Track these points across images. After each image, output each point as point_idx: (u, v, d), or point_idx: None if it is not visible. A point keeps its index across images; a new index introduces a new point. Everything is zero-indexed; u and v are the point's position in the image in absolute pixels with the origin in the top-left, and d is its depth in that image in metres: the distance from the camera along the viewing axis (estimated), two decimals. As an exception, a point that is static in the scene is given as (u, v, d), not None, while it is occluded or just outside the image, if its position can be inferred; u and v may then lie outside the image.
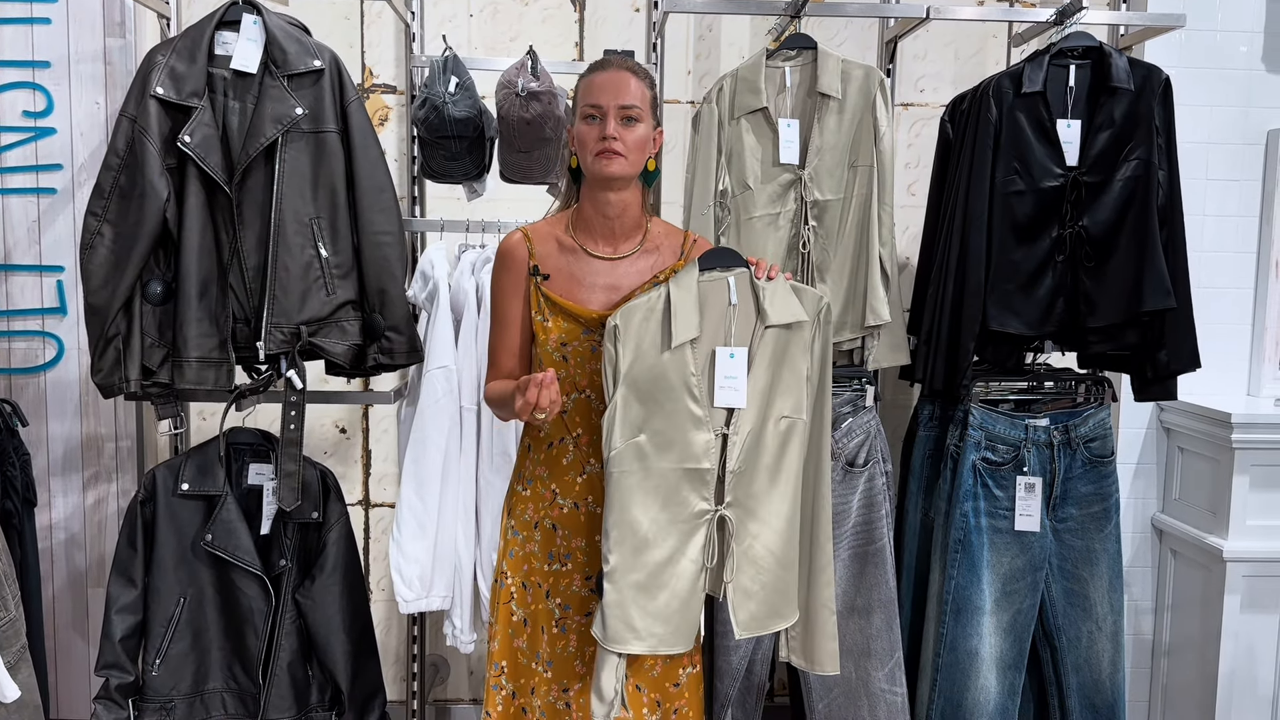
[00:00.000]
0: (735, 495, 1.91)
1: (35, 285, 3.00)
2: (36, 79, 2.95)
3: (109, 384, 2.33)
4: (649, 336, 1.87)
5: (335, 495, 2.51)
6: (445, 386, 2.44)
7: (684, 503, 1.89)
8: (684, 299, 1.87)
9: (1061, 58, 2.52)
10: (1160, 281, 2.44)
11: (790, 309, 1.90)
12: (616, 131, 1.87)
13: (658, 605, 1.88)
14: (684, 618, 1.91)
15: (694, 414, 1.88)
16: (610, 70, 1.91)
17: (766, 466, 1.92)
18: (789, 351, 1.92)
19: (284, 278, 2.33)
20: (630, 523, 1.86)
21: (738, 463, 1.90)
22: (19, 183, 2.97)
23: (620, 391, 1.86)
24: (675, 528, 1.89)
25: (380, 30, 3.11)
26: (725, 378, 1.89)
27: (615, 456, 1.86)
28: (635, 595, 1.87)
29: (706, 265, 1.91)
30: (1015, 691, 2.60)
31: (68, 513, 3.06)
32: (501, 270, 2.02)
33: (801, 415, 1.93)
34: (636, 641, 1.87)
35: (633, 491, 1.87)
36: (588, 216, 1.99)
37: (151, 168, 2.28)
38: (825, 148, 2.55)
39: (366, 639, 2.57)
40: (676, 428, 1.88)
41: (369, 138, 2.41)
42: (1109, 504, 2.59)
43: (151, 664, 2.45)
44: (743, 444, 1.90)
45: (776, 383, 1.92)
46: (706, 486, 1.90)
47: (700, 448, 1.88)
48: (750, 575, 1.92)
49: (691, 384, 1.88)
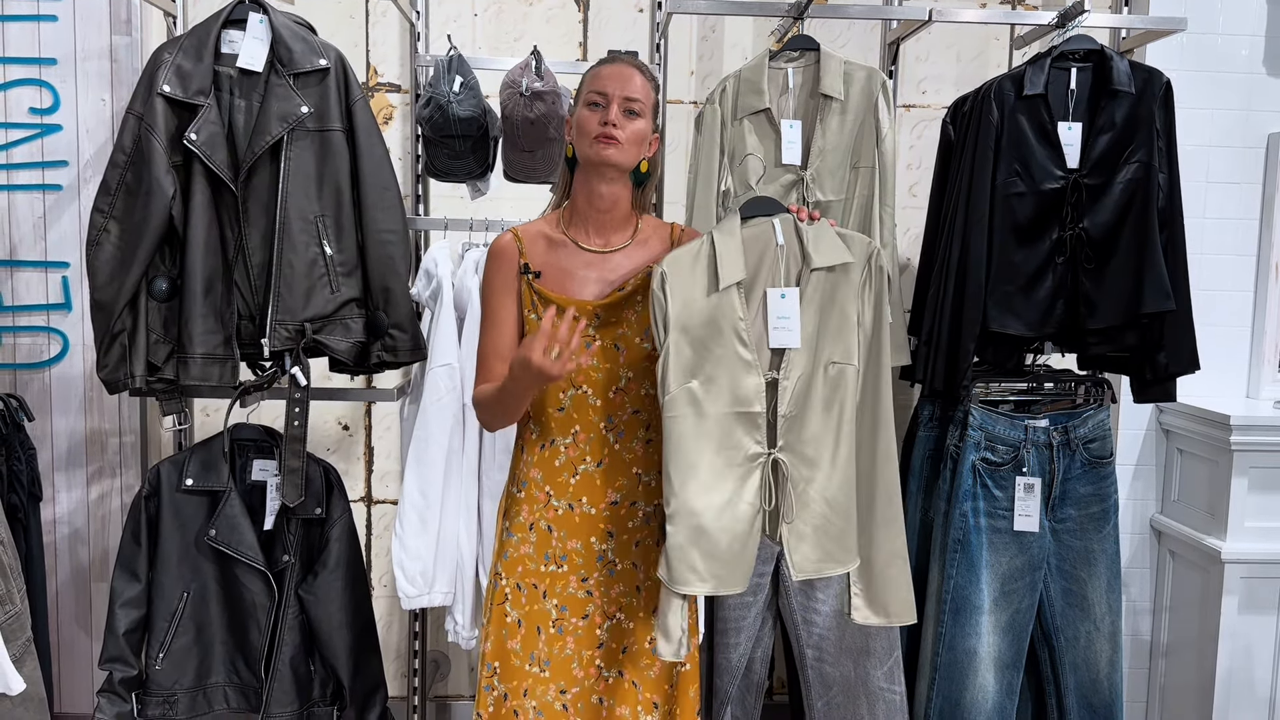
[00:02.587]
0: (787, 439, 1.93)
1: (40, 281, 3.02)
2: (43, 76, 2.97)
3: (114, 380, 2.35)
4: (696, 282, 1.89)
5: (338, 491, 2.52)
6: (449, 384, 2.45)
7: (738, 446, 1.92)
8: (728, 243, 1.91)
9: (1063, 61, 2.53)
10: (1160, 284, 2.45)
11: (836, 251, 1.92)
12: (618, 119, 1.89)
13: (719, 547, 1.90)
14: (742, 559, 1.93)
15: (743, 358, 1.91)
16: (618, 64, 1.94)
17: (818, 412, 1.94)
18: (837, 296, 1.93)
19: (289, 275, 2.34)
20: (688, 466, 1.89)
21: (788, 407, 1.92)
22: (25, 179, 2.98)
23: (671, 337, 1.89)
24: (731, 470, 1.91)
25: (385, 29, 3.12)
26: (778, 318, 1.92)
27: (670, 401, 1.89)
28: (697, 537, 1.89)
29: (748, 214, 1.94)
30: (1013, 691, 2.62)
31: (71, 507, 3.08)
32: (493, 271, 2.01)
33: (852, 361, 1.95)
34: (700, 583, 1.90)
35: (688, 436, 1.89)
36: (580, 209, 2.00)
37: (158, 165, 2.30)
38: (827, 149, 2.56)
39: (368, 634, 2.59)
40: (726, 372, 1.90)
41: (374, 136, 2.43)
42: (1108, 505, 2.61)
43: (155, 658, 2.47)
44: (793, 389, 1.92)
45: (825, 328, 1.94)
46: (759, 430, 1.92)
47: (750, 391, 1.91)
48: (804, 519, 1.95)
49: (740, 328, 1.91)
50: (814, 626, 2.52)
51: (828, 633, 2.52)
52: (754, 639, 2.53)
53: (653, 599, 2.03)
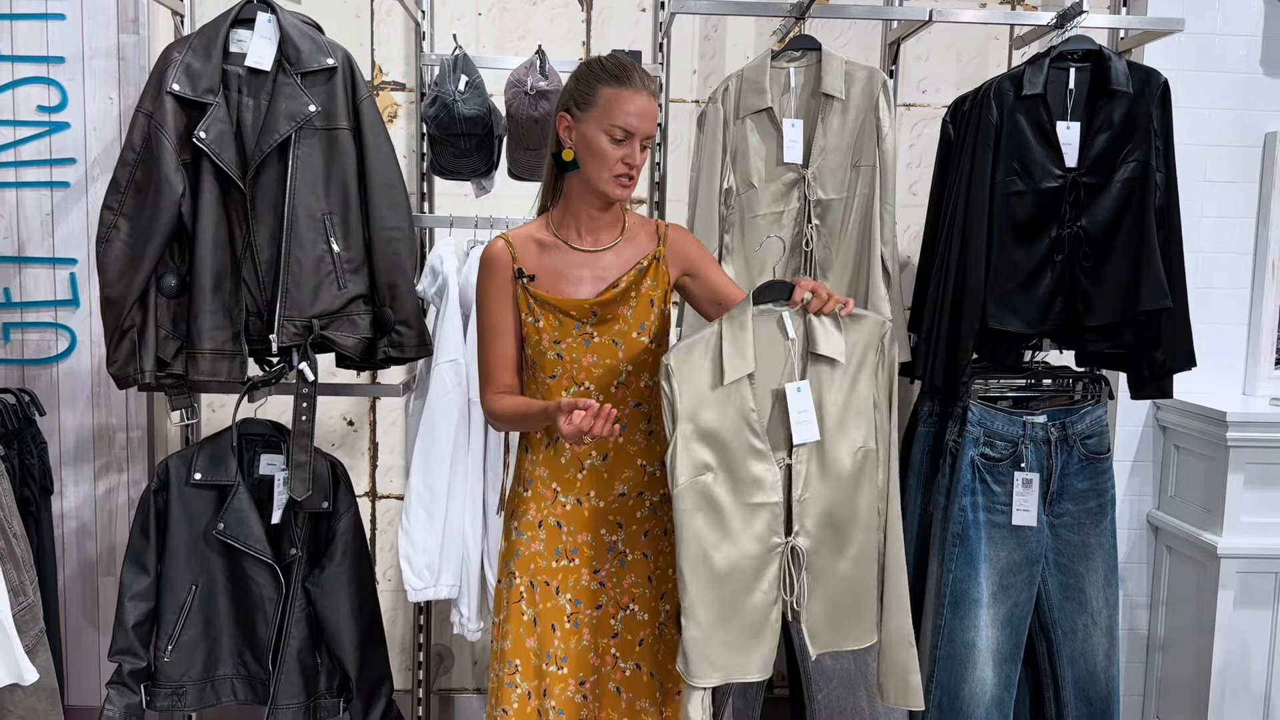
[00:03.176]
0: (804, 524, 1.93)
1: (49, 278, 3.05)
2: (51, 74, 3.00)
3: (124, 375, 2.38)
4: (704, 374, 1.88)
5: (345, 486, 2.55)
6: (454, 379, 2.48)
7: (756, 537, 1.91)
8: (735, 335, 1.88)
9: (1062, 61, 2.56)
10: (1157, 282, 2.48)
11: (832, 346, 1.91)
12: (641, 160, 1.93)
13: (734, 638, 1.91)
14: (755, 646, 1.94)
15: (756, 448, 1.91)
16: (643, 96, 1.92)
17: (842, 495, 1.93)
18: (853, 380, 1.93)
19: (296, 272, 2.37)
20: (702, 559, 1.88)
21: (804, 491, 1.92)
22: (33, 176, 3.01)
23: (680, 429, 1.87)
24: (748, 562, 1.91)
25: (390, 28, 3.15)
26: (799, 413, 1.90)
27: (680, 494, 1.88)
28: (713, 630, 1.89)
29: (760, 299, 1.92)
30: (1011, 683, 2.64)
31: (79, 502, 3.11)
32: (487, 279, 2.03)
33: (871, 444, 1.95)
34: (715, 674, 1.91)
35: (701, 529, 1.89)
36: (574, 213, 2.02)
37: (167, 163, 2.33)
38: (828, 148, 2.59)
39: (374, 627, 2.62)
40: (740, 463, 1.90)
41: (380, 135, 2.46)
42: (1105, 500, 2.63)
43: (164, 650, 2.50)
44: (806, 472, 1.92)
45: (845, 411, 1.93)
46: (776, 520, 1.92)
47: (767, 482, 1.91)
48: (823, 599, 1.95)
49: (751, 419, 1.90)
50: (815, 620, 2.55)
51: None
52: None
53: (663, 585, 2.07)
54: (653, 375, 2.03)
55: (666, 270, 2.04)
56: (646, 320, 2.01)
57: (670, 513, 2.03)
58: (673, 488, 1.89)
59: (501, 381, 2.03)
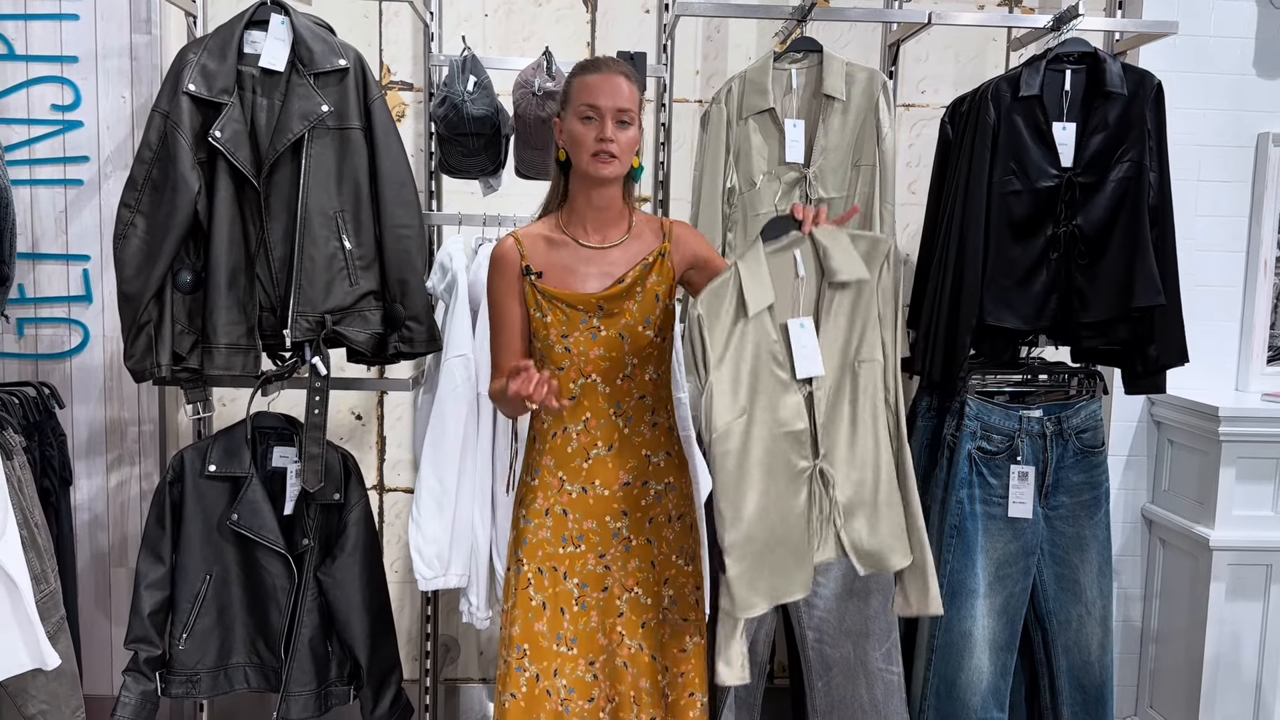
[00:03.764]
0: (828, 445, 2.03)
1: (62, 274, 3.10)
2: (65, 73, 3.04)
3: (141, 369, 2.43)
4: (729, 314, 1.96)
5: (356, 478, 2.61)
6: (464, 374, 2.53)
7: (786, 465, 2.00)
8: (753, 271, 1.96)
9: (1058, 63, 2.61)
10: (1150, 279, 2.54)
11: (854, 268, 1.99)
12: (613, 134, 1.97)
13: (775, 561, 1.99)
14: (798, 567, 2.03)
15: (780, 379, 2.00)
16: (605, 73, 1.99)
17: (847, 412, 2.03)
18: (861, 300, 2.02)
19: (309, 268, 2.43)
20: (741, 497, 1.96)
21: (824, 415, 2.02)
22: (47, 174, 3.06)
23: (713, 375, 1.94)
24: (780, 490, 1.99)
25: (398, 29, 3.20)
26: (801, 348, 2.00)
27: (718, 438, 1.94)
28: (755, 564, 1.97)
29: (769, 236, 2.00)
30: (1008, 672, 2.70)
31: (92, 494, 3.15)
32: (496, 275, 2.09)
33: (876, 357, 2.04)
34: (762, 602, 1.99)
35: (738, 468, 1.96)
36: (579, 209, 2.08)
37: (183, 161, 2.38)
38: (829, 147, 2.65)
39: (384, 617, 2.67)
40: (769, 396, 1.98)
41: (391, 134, 2.51)
42: (1099, 493, 2.69)
43: (178, 638, 2.56)
44: (827, 397, 2.02)
45: (852, 332, 2.03)
46: (803, 446, 2.01)
47: (792, 411, 2.00)
48: (861, 517, 2.04)
49: (775, 350, 1.99)
50: (815, 609, 2.61)
51: (828, 615, 2.61)
52: (757, 620, 2.61)
53: (666, 570, 2.13)
54: (658, 368, 2.09)
55: (672, 266, 2.10)
56: (652, 315, 2.06)
57: (673, 500, 2.11)
58: (710, 432, 1.95)
59: (506, 371, 2.08)
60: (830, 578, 2.59)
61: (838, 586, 2.59)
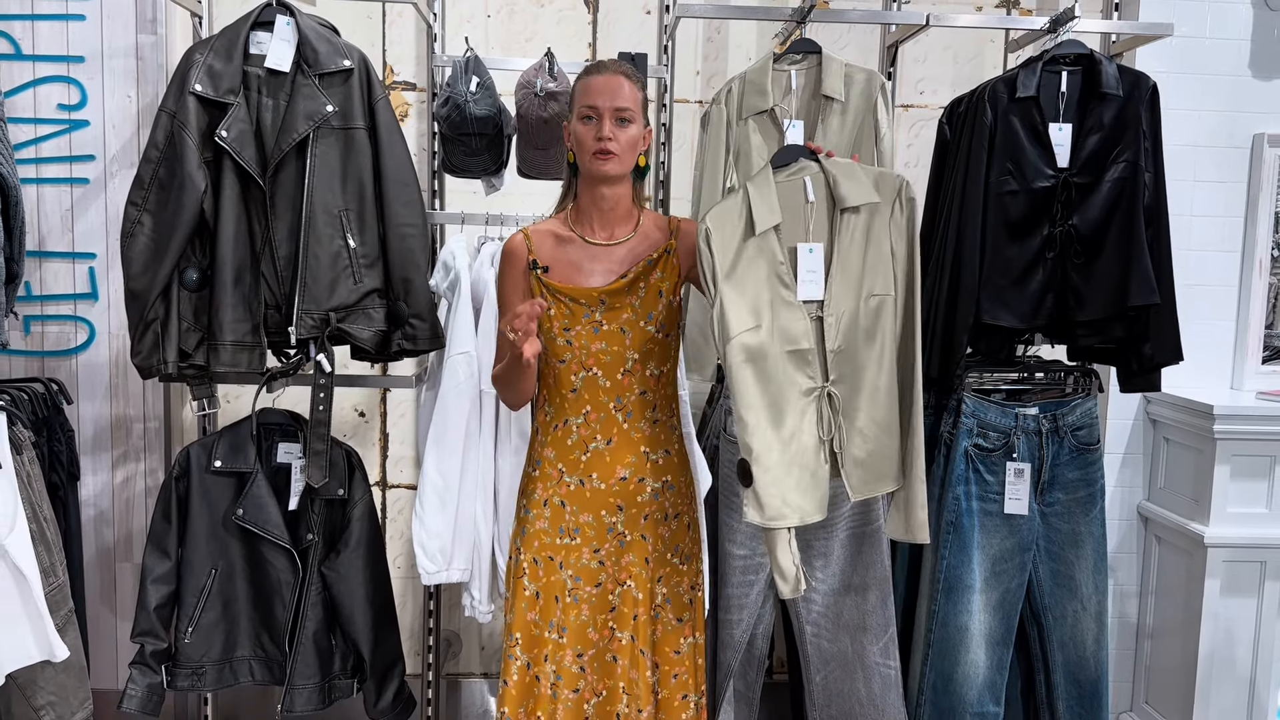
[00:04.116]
0: (840, 372, 2.08)
1: (68, 271, 3.12)
2: (71, 73, 3.07)
3: (148, 366, 2.46)
4: (736, 231, 2.03)
5: (360, 474, 2.64)
6: (466, 371, 2.56)
7: (794, 383, 2.06)
8: (761, 193, 2.04)
9: (1054, 64, 2.64)
10: (1145, 278, 2.56)
11: (863, 192, 2.06)
12: (612, 133, 2.02)
13: (794, 479, 2.05)
14: (814, 488, 2.09)
15: (786, 299, 2.06)
16: (605, 74, 2.04)
17: (864, 342, 2.09)
18: (873, 232, 2.08)
19: (314, 266, 2.46)
20: (759, 408, 2.03)
21: (837, 342, 2.07)
22: (53, 173, 3.09)
23: (720, 288, 2.01)
24: (791, 407, 2.06)
25: (401, 29, 3.23)
26: (807, 271, 2.06)
27: (730, 349, 2.01)
28: (780, 474, 2.03)
29: (779, 163, 2.08)
30: (1003, 666, 2.73)
31: (97, 490, 3.18)
32: (505, 269, 2.16)
33: (890, 292, 2.10)
34: (793, 514, 2.04)
35: (755, 379, 2.03)
36: (585, 208, 2.13)
37: (190, 161, 2.41)
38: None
39: (387, 611, 2.71)
40: (775, 314, 2.04)
41: (395, 134, 2.54)
42: (1094, 489, 2.72)
43: (184, 632, 2.59)
44: (838, 324, 2.07)
45: (864, 263, 2.08)
46: (810, 366, 2.08)
47: (799, 330, 2.06)
48: (858, 444, 2.11)
49: (781, 271, 2.06)
50: (813, 604, 2.63)
51: (826, 610, 2.63)
52: (756, 616, 2.64)
53: (659, 568, 2.16)
54: (659, 365, 2.13)
55: (678, 263, 2.13)
56: (654, 310, 2.10)
57: (669, 498, 2.15)
58: (722, 344, 2.01)
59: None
60: (828, 572, 2.62)
61: (836, 581, 2.62)
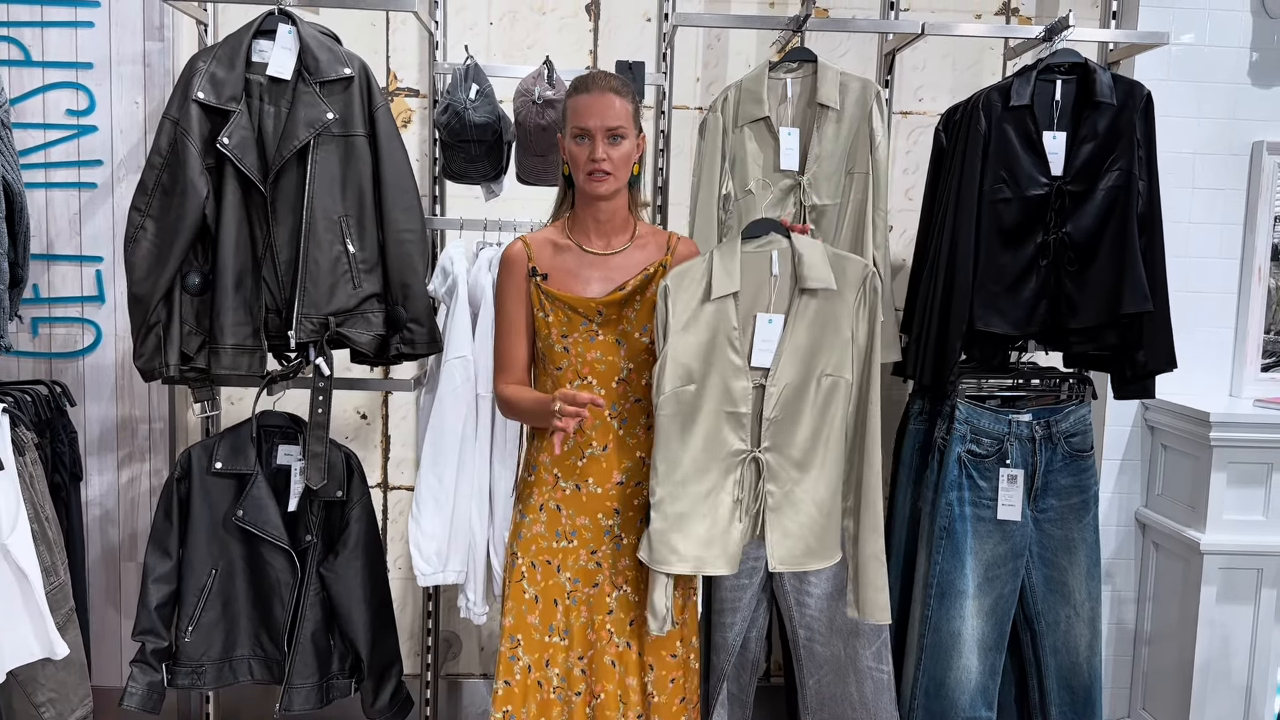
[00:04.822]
0: (774, 441, 2.14)
1: (76, 275, 3.17)
2: (79, 79, 3.12)
3: (150, 368, 2.50)
4: (695, 294, 2.10)
5: (358, 476, 2.67)
6: (463, 375, 2.59)
7: (724, 442, 2.12)
8: (725, 262, 2.11)
9: (1048, 73, 2.65)
10: (1138, 286, 2.57)
11: (822, 276, 2.12)
12: (605, 153, 2.04)
13: (699, 532, 2.11)
14: (724, 544, 2.14)
15: (734, 363, 2.11)
16: (595, 93, 2.06)
17: (810, 419, 2.14)
18: (832, 314, 2.13)
19: (314, 271, 2.49)
20: (673, 459, 2.10)
21: (775, 411, 2.13)
22: (62, 177, 3.14)
23: (670, 343, 2.08)
24: (715, 464, 2.12)
25: (404, 36, 3.26)
26: (762, 340, 2.13)
27: (663, 401, 2.09)
28: (678, 522, 2.10)
29: (750, 234, 2.15)
30: (996, 671, 2.75)
31: (103, 490, 3.23)
32: (505, 277, 2.18)
33: (844, 374, 2.14)
34: (680, 563, 2.10)
35: (677, 433, 2.10)
36: (582, 218, 2.17)
37: (192, 167, 2.45)
38: (823, 155, 2.69)
39: (385, 612, 2.74)
40: (719, 374, 2.11)
41: (395, 141, 2.57)
42: (1088, 496, 2.73)
43: (184, 631, 2.62)
44: (780, 395, 2.12)
45: (819, 343, 2.14)
46: (744, 429, 2.13)
47: (739, 394, 2.12)
48: (790, 516, 2.15)
49: (733, 336, 2.11)
50: (806, 609, 2.65)
51: (819, 614, 2.65)
52: (749, 619, 2.66)
53: None
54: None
55: None
56: (649, 323, 2.13)
57: None
58: (657, 396, 2.09)
59: (515, 372, 2.19)
60: (821, 578, 2.64)
61: (829, 586, 2.64)
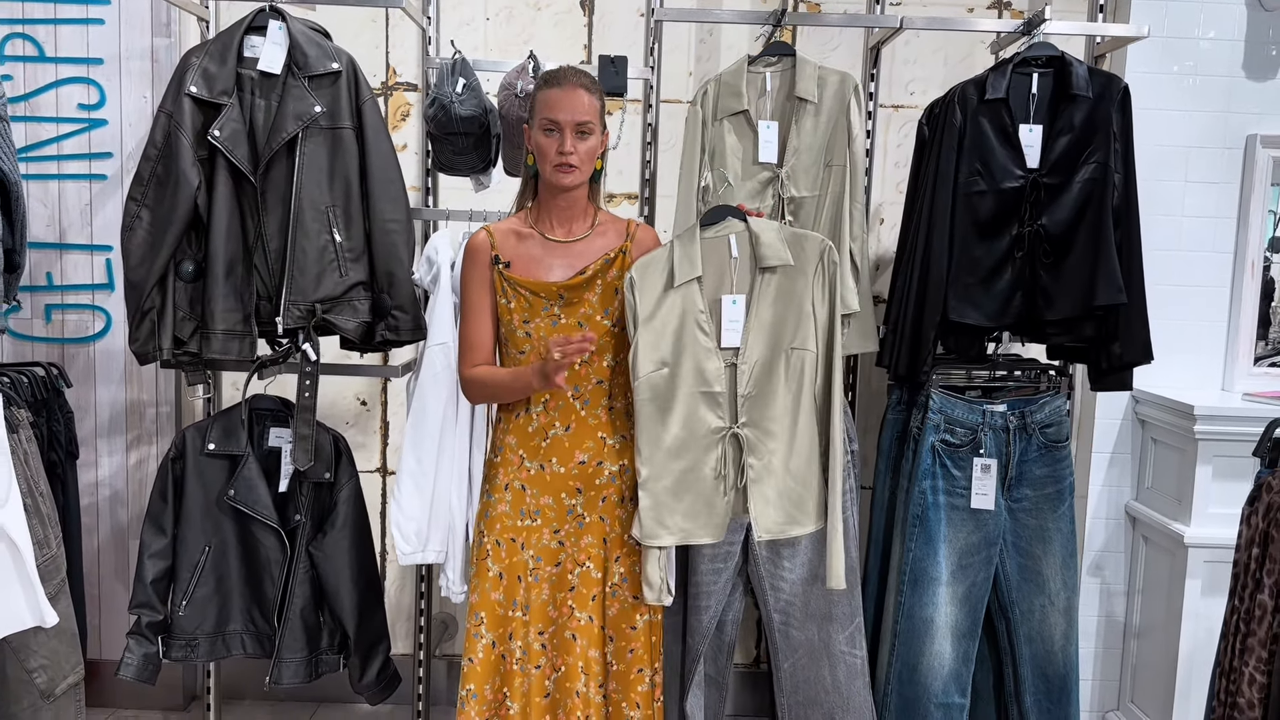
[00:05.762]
0: (750, 416, 2.24)
1: (87, 263, 3.29)
2: (91, 74, 3.24)
3: (144, 352, 2.60)
4: (659, 282, 2.20)
5: (346, 458, 2.76)
6: (444, 361, 2.66)
7: (702, 421, 2.23)
8: (686, 249, 2.22)
9: (1025, 66, 2.67)
10: (1112, 278, 2.59)
11: (779, 254, 2.22)
12: (573, 146, 2.11)
13: (685, 505, 2.23)
14: (709, 515, 2.26)
15: (704, 345, 2.22)
16: (565, 87, 2.13)
17: (783, 392, 2.24)
18: (793, 289, 2.24)
19: (302, 260, 2.58)
20: (655, 440, 2.21)
21: (748, 388, 2.23)
22: (74, 169, 3.26)
23: (640, 331, 2.17)
24: (695, 442, 2.23)
25: (404, 32, 3.34)
26: (729, 321, 2.24)
27: (639, 386, 2.20)
28: (665, 499, 2.21)
29: (708, 221, 2.26)
30: (969, 658, 2.77)
31: (112, 471, 3.35)
32: (469, 265, 2.26)
33: (809, 347, 2.24)
34: (669, 535, 2.22)
35: (656, 415, 2.21)
36: (545, 208, 2.23)
37: (185, 158, 2.55)
38: (802, 148, 2.73)
39: (373, 590, 2.82)
40: (691, 356, 2.22)
41: (381, 134, 2.65)
42: (1063, 486, 2.75)
43: (179, 605, 2.73)
44: (751, 372, 2.23)
45: (783, 317, 2.24)
46: (721, 407, 2.24)
47: (712, 374, 2.22)
48: (770, 485, 2.26)
49: (701, 320, 2.22)
50: (780, 593, 2.70)
51: (794, 598, 2.70)
52: (724, 603, 2.71)
53: (616, 549, 2.26)
54: (615, 356, 2.22)
55: (631, 264, 2.22)
56: (610, 306, 2.19)
57: (627, 481, 2.24)
58: (634, 380, 2.19)
59: (476, 357, 2.26)
60: (796, 562, 2.68)
61: (804, 571, 2.68)
